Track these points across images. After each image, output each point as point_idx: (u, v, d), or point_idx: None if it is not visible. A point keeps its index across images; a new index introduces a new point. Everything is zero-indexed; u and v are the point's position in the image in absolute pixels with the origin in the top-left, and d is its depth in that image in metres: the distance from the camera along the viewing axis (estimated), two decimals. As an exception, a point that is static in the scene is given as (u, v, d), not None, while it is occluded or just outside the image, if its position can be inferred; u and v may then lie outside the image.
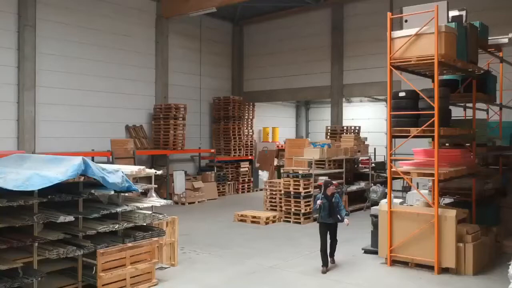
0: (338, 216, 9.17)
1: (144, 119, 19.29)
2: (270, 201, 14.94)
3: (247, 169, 21.95)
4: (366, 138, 18.45)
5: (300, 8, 21.86)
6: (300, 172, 14.31)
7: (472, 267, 8.81)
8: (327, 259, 9.13)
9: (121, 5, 18.26)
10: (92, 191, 7.55)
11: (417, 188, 11.30)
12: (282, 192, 14.46)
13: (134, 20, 18.80)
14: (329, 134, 20.59)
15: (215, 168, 20.40)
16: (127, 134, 18.48)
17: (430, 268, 9.01)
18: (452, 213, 8.97)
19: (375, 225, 10.11)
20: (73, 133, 16.49)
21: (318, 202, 9.01)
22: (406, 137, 9.45)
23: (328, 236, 9.21)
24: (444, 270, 8.95)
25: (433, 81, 9.59)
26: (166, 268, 9.06)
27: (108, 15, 17.81)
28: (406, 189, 15.71)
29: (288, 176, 14.46)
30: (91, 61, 17.19)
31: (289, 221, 14.14)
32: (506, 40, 11.48)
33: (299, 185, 14.07)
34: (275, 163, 22.94)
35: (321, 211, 9.06)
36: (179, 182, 17.84)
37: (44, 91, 15.76)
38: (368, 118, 24.69)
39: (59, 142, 15.69)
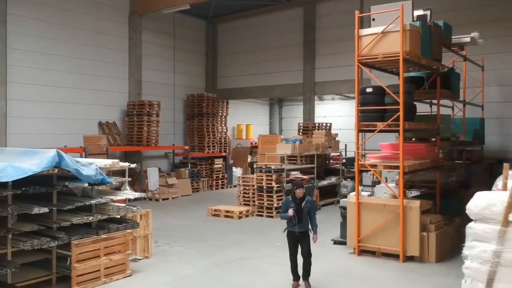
0: (309, 225, 7.60)
1: (117, 115, 19.27)
2: (244, 196, 15.18)
3: (221, 165, 22.14)
4: (336, 134, 18.89)
5: (273, 7, 22.15)
6: (273, 167, 14.61)
7: (435, 255, 9.24)
8: (298, 273, 7.75)
9: (94, 1, 18.20)
10: (66, 183, 7.66)
11: (386, 182, 11.70)
12: (255, 187, 14.73)
13: (107, 16, 18.76)
14: (301, 130, 20.94)
15: (189, 164, 20.52)
16: (100, 130, 18.44)
17: (396, 256, 9.40)
18: (416, 203, 9.38)
19: (344, 216, 10.46)
20: (45, 129, 16.38)
21: (290, 212, 7.35)
22: (373, 131, 9.82)
23: (299, 250, 7.64)
24: (409, 259, 9.37)
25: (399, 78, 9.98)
26: (140, 259, 9.22)
27: (81, 11, 17.72)
28: (376, 183, 16.14)
29: (261, 171, 14.73)
30: (64, 57, 17.09)
31: (262, 215, 14.42)
32: (468, 40, 11.99)
33: (271, 180, 14.36)
34: (249, 160, 23.18)
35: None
36: (152, 178, 17.92)
37: (16, 87, 15.61)
38: (339, 115, 25.16)
39: (31, 138, 15.53)
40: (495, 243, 4.89)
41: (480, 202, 5.12)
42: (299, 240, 7.54)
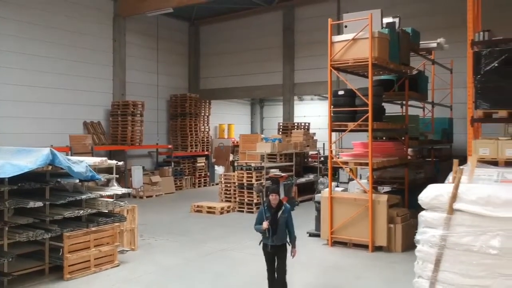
0: (288, 237, 6.65)
1: (102, 115, 19.70)
2: (225, 193, 15.82)
3: (203, 164, 22.73)
4: (314, 134, 19.64)
5: (254, 10, 22.78)
6: (253, 165, 15.27)
7: (401, 245, 10.01)
8: None
9: (78, 3, 18.61)
10: (59, 179, 8.22)
11: (360, 178, 12.44)
12: (236, 184, 15.37)
13: (91, 18, 19.18)
14: (281, 130, 21.64)
15: (172, 163, 21.07)
16: (85, 130, 18.86)
17: (365, 247, 10.17)
18: (384, 198, 10.14)
19: (318, 210, 11.16)
20: (31, 129, 16.75)
21: (265, 224, 6.43)
22: (345, 130, 10.54)
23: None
24: (378, 248, 10.14)
25: (370, 81, 10.71)
26: (127, 251, 9.80)
27: (65, 13, 18.13)
28: (351, 180, 16.93)
29: (241, 169, 15.38)
30: (49, 58, 17.49)
31: (243, 211, 15.08)
32: (435, 45, 12.77)
33: (251, 177, 15.03)
34: (231, 158, 23.82)
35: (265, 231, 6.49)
36: (136, 176, 18.43)
37: (1, 88, 15.99)
38: (318, 115, 25.91)
39: (17, 138, 15.85)
40: (441, 229, 5.61)
41: (430, 193, 5.86)
42: (275, 254, 6.62)
